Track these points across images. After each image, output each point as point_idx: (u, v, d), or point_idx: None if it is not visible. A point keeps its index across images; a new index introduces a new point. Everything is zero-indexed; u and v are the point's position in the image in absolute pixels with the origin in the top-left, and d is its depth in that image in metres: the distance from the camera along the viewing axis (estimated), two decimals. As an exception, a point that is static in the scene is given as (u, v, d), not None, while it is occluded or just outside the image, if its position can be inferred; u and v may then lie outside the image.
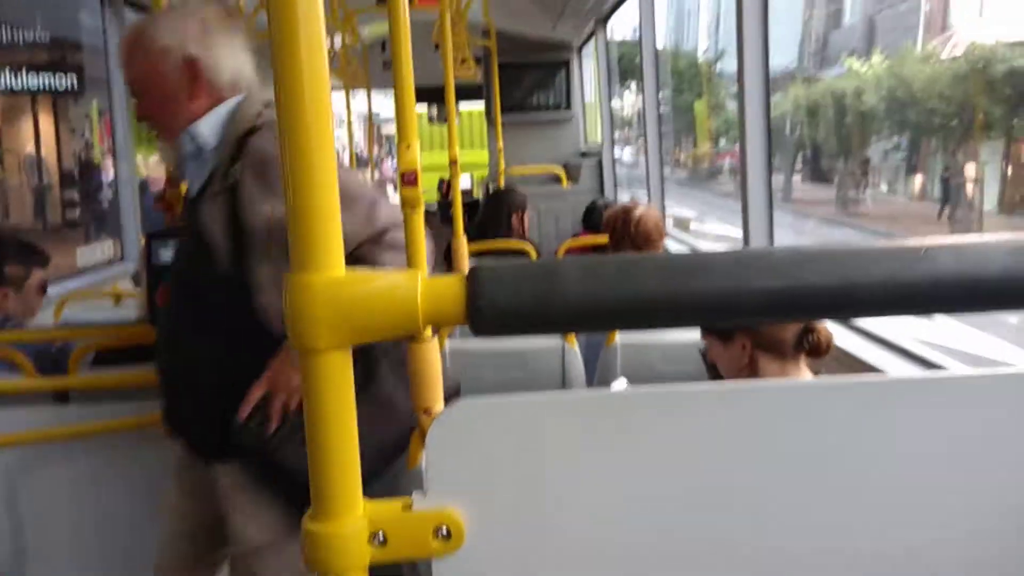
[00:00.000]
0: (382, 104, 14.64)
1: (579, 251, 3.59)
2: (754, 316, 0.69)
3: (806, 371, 1.49)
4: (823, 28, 19.83)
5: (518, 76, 6.32)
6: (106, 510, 1.80)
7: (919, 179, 13.89)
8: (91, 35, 5.60)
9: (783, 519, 0.58)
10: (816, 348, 1.46)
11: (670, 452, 0.58)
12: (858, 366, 1.89)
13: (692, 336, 2.16)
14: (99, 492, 1.91)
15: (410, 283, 0.52)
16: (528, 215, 3.92)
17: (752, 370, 1.47)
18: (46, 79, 6.48)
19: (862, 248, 0.53)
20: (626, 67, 12.52)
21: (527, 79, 6.45)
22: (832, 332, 1.49)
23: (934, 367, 1.83)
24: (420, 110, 10.40)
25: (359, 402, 0.53)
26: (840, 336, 1.96)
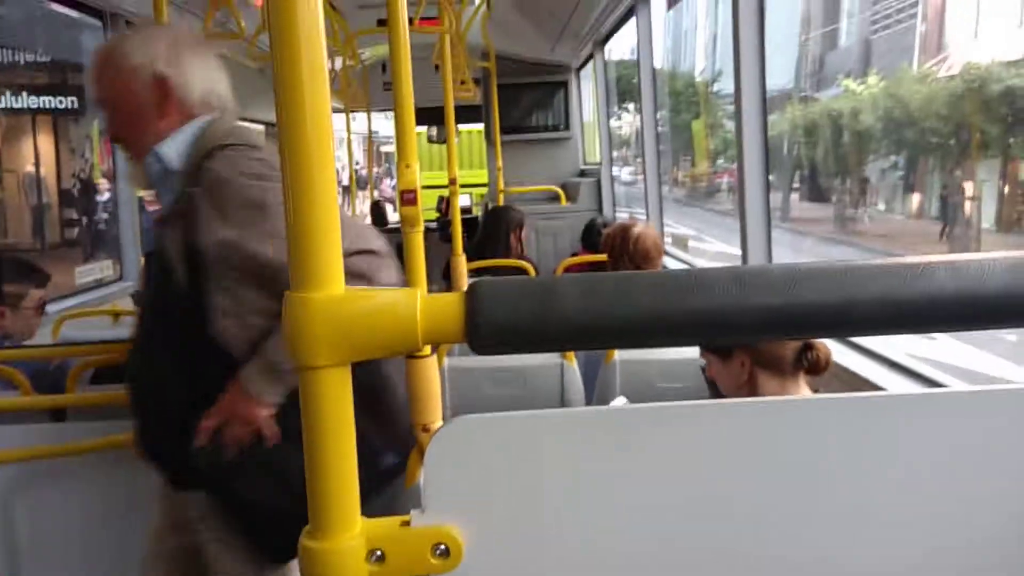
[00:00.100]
0: (381, 123, 14.72)
1: (578, 269, 3.59)
2: (753, 334, 0.69)
3: (805, 388, 1.49)
4: (819, 49, 19.98)
5: (517, 97, 6.35)
6: (102, 527, 1.78)
7: (916, 198, 13.92)
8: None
9: (782, 535, 0.58)
10: (815, 365, 1.46)
11: (669, 469, 0.58)
12: (857, 383, 1.88)
13: (691, 353, 2.16)
14: (95, 509, 1.89)
15: (409, 300, 0.52)
16: (526, 233, 3.92)
17: (751, 387, 1.46)
18: (47, 100, 6.52)
19: (860, 265, 0.53)
20: (624, 87, 12.58)
21: (526, 100, 6.48)
22: (831, 349, 1.49)
23: (933, 384, 1.83)
24: (420, 130, 10.44)
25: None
26: (839, 353, 1.96)
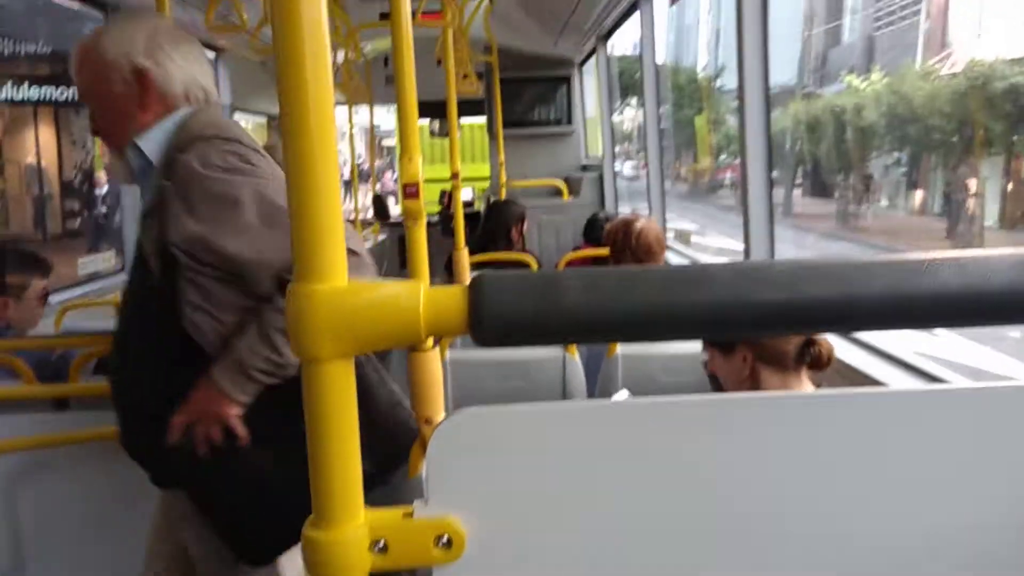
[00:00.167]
0: (384, 117, 14.71)
1: (580, 263, 3.59)
2: (755, 329, 0.69)
3: (807, 383, 1.49)
4: (822, 45, 19.92)
5: (519, 91, 6.34)
6: (104, 516, 1.79)
7: (919, 194, 13.92)
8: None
9: (783, 528, 0.58)
10: (817, 361, 1.46)
11: (670, 463, 0.58)
12: (859, 379, 1.89)
13: (693, 348, 2.16)
14: (98, 498, 1.90)
15: (412, 293, 0.52)
16: (527, 227, 3.92)
17: (753, 382, 1.47)
18: (48, 91, 6.50)
19: (864, 261, 0.53)
20: (627, 82, 12.57)
21: (528, 94, 6.47)
22: (833, 345, 1.49)
23: (935, 380, 1.83)
24: (422, 123, 10.42)
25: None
26: (842, 349, 1.96)
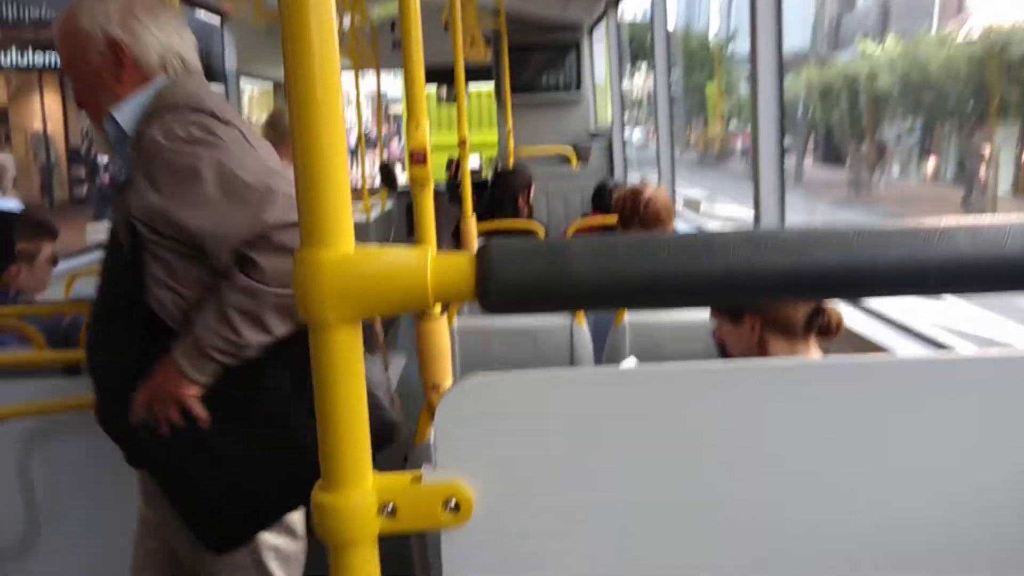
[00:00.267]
0: (391, 84, 14.60)
1: (588, 231, 3.58)
2: (765, 295, 0.68)
3: (816, 351, 1.48)
4: (836, 10, 19.61)
5: (528, 57, 6.27)
6: (114, 480, 1.82)
7: (932, 162, 13.79)
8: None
9: (790, 495, 0.58)
10: (826, 328, 1.45)
11: (677, 430, 0.58)
12: (868, 347, 1.88)
13: (701, 316, 2.15)
14: (108, 462, 1.93)
15: (420, 260, 0.52)
16: (534, 194, 3.90)
17: (761, 350, 1.46)
18: (53, 56, 6.47)
19: (876, 228, 0.53)
20: (637, 48, 12.42)
21: (537, 60, 6.39)
22: (842, 313, 1.48)
23: (943, 348, 1.82)
24: (429, 90, 10.35)
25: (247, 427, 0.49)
26: (850, 317, 1.95)
